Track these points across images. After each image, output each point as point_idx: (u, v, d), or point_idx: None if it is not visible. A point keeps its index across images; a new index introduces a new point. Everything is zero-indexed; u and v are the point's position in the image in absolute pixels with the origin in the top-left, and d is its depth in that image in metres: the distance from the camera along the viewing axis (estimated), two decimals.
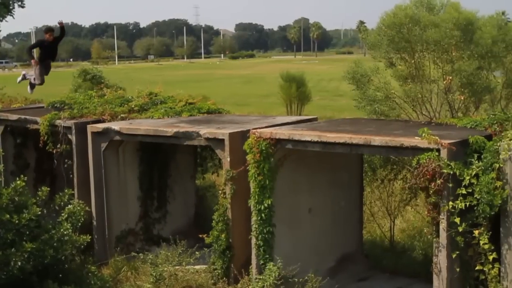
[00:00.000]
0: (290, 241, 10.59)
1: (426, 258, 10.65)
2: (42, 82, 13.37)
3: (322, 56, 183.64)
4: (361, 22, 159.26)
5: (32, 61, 13.41)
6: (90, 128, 12.41)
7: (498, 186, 8.26)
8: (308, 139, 9.79)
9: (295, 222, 10.75)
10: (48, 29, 13.80)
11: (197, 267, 11.10)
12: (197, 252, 11.01)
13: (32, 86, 13.63)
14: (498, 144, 8.45)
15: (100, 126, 12.45)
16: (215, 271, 10.83)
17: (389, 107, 12.44)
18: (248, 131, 10.43)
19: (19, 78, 14.02)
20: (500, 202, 8.24)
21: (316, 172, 11.01)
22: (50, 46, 13.66)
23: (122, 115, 13.57)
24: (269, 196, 10.12)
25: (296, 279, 9.83)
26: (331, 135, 9.69)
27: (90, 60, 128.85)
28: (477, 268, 8.66)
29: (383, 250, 12.53)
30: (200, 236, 11.11)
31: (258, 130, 10.30)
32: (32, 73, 13.59)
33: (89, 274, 8.87)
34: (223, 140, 10.63)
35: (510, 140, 8.35)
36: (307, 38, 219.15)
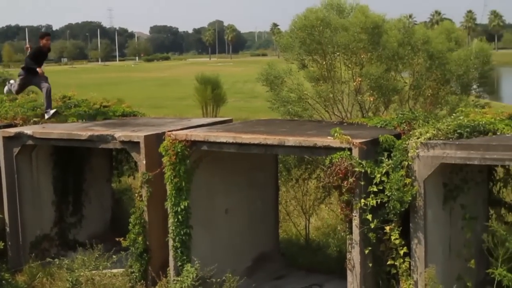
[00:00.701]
0: (207, 242, 10.58)
1: (341, 255, 10.82)
2: (18, 93, 13.34)
3: (237, 58, 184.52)
4: (275, 25, 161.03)
5: (39, 69, 12.79)
6: (1, 133, 12.09)
7: (407, 183, 8.46)
8: (224, 140, 9.81)
9: (212, 223, 10.76)
10: (45, 34, 13.28)
11: (114, 270, 10.97)
12: (114, 256, 10.85)
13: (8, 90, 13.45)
14: (407, 142, 8.66)
15: (12, 130, 12.15)
16: (133, 274, 10.73)
17: (302, 107, 12.59)
18: (163, 133, 10.38)
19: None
20: (409, 198, 8.45)
21: (232, 173, 11.04)
22: (46, 53, 13.24)
23: (34, 119, 13.28)
24: (186, 198, 10.10)
25: (214, 280, 9.84)
26: (246, 136, 9.73)
27: (1, 63, 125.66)
28: (388, 262, 8.84)
29: (299, 248, 12.65)
30: (117, 239, 10.98)
31: (174, 132, 10.26)
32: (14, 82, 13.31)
33: (3, 281, 8.69)
34: (138, 143, 10.55)
35: (418, 138, 8.56)
36: (222, 41, 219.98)
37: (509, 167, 10.10)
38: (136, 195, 10.88)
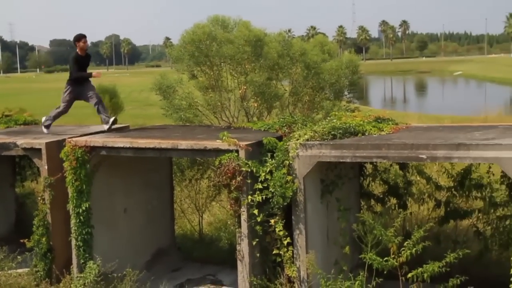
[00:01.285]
0: (108, 240, 10.42)
1: (231, 247, 10.87)
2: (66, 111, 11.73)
3: (133, 70, 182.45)
4: (167, 38, 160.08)
5: (96, 73, 11.78)
6: None
7: (289, 180, 8.60)
8: (121, 145, 9.71)
9: (112, 222, 10.61)
10: (81, 36, 11.30)
11: (19, 270, 10.62)
12: (19, 257, 10.54)
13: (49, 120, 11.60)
14: (288, 143, 8.80)
15: None
16: (38, 273, 10.43)
17: (193, 114, 12.58)
18: (64, 140, 10.16)
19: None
20: (291, 194, 8.59)
21: (130, 175, 10.92)
22: (87, 57, 11.60)
23: None
24: (87, 200, 9.93)
25: (115, 275, 9.70)
26: (142, 141, 9.66)
27: None
28: (274, 252, 8.95)
29: (193, 242, 12.63)
30: (22, 241, 10.64)
31: (74, 138, 10.07)
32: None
33: None
34: (40, 149, 10.28)
35: (297, 140, 8.72)
36: (119, 53, 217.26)
37: (377, 163, 10.43)
38: (39, 198, 10.59)
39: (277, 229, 8.78)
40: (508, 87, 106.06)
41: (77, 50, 11.38)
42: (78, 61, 11.37)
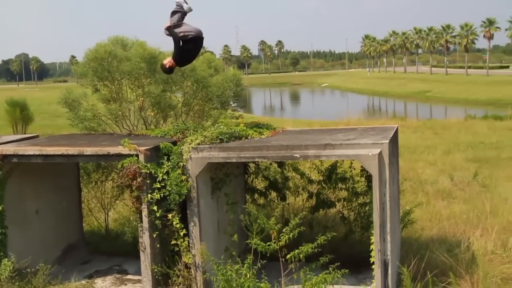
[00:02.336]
0: (21, 239, 9.97)
1: (135, 239, 10.67)
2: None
3: (42, 85, 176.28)
4: (73, 56, 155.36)
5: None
6: None
7: (183, 179, 8.56)
8: (31, 153, 9.33)
9: (25, 223, 10.16)
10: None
11: None
12: None
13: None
14: (181, 147, 8.75)
15: None
16: None
17: (97, 123, 12.31)
18: None
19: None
20: (185, 191, 8.56)
21: (41, 180, 10.51)
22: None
23: None
24: (0, 203, 9.47)
25: (29, 270, 9.31)
26: (51, 148, 9.33)
27: None
28: (172, 242, 8.88)
29: (100, 237, 12.33)
30: None
31: None
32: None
33: None
34: None
35: (189, 144, 8.69)
36: (28, 70, 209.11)
37: (258, 162, 10.56)
38: None
39: (174, 223, 8.73)
40: (365, 96, 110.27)
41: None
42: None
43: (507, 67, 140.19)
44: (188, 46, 8.83)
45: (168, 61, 9.01)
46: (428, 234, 11.20)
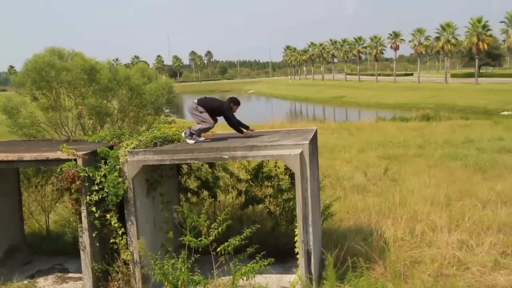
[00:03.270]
0: None
1: (75, 239, 10.35)
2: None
3: None
4: (11, 67, 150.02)
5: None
6: None
7: (120, 181, 8.39)
8: None
9: None
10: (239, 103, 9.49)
11: None
12: None
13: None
14: (118, 151, 8.58)
15: None
16: None
17: (36, 130, 11.88)
18: None
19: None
20: (122, 192, 8.39)
21: None
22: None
23: None
24: None
25: None
26: None
27: None
28: (111, 241, 8.70)
29: (41, 239, 11.89)
30: None
31: None
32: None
33: None
34: None
35: (125, 148, 8.53)
36: None
37: (191, 164, 10.48)
38: None
39: (112, 222, 8.55)
40: (287, 101, 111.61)
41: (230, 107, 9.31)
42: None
43: (411, 74, 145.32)
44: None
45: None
46: (346, 225, 11.43)
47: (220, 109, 9.17)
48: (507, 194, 13.21)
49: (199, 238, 7.71)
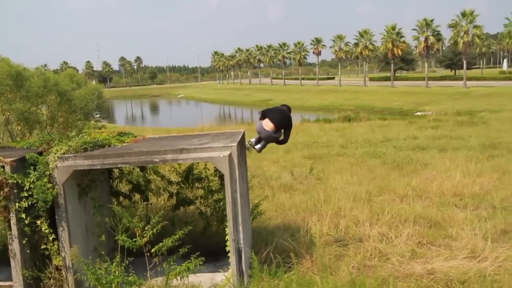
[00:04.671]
0: None
1: (4, 247, 9.89)
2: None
3: None
4: None
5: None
6: None
7: (49, 187, 8.10)
8: None
9: None
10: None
11: None
12: None
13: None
14: (47, 157, 8.29)
15: None
16: None
17: None
18: None
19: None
20: (51, 198, 8.11)
21: None
22: None
23: None
24: None
25: None
26: None
27: None
28: (42, 247, 8.37)
29: None
30: None
31: None
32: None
33: None
34: None
35: (55, 154, 8.26)
36: None
37: (122, 168, 10.28)
38: None
39: (43, 228, 8.23)
40: (216, 105, 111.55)
41: None
42: None
43: (333, 78, 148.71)
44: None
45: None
46: (275, 222, 11.53)
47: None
48: (421, 189, 13.76)
49: (134, 239, 7.59)
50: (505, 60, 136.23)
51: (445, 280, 8.25)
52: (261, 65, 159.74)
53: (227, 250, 8.12)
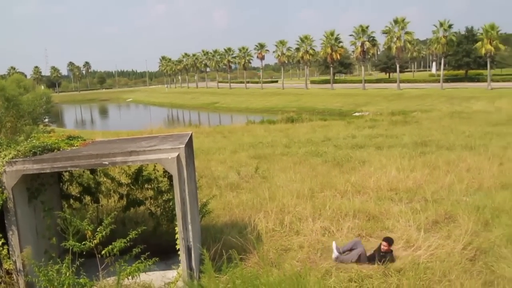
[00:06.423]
0: None
1: None
2: None
3: None
4: None
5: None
6: None
7: None
8: None
9: None
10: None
11: None
12: None
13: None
14: None
15: None
16: None
17: None
18: None
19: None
20: (1, 202, 7.80)
21: None
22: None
23: None
24: None
25: None
26: None
27: None
28: None
29: None
30: None
31: None
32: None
33: None
34: None
35: (3, 159, 7.96)
36: None
37: (72, 171, 10.02)
38: None
39: None
40: (165, 108, 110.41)
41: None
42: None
43: (276, 81, 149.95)
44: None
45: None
46: (223, 220, 11.52)
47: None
48: (360, 184, 14.07)
49: (83, 242, 7.41)
50: (434, 64, 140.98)
51: (383, 269, 8.47)
52: (208, 69, 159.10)
53: (177, 248, 8.06)
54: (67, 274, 7.29)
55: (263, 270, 8.21)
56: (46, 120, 12.78)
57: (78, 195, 10.56)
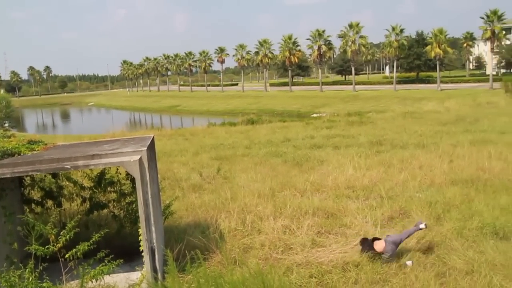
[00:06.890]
0: None
1: None
2: None
3: None
4: None
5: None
6: None
7: None
8: None
9: None
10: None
11: None
12: None
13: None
14: None
15: None
16: None
17: None
18: None
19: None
20: None
21: None
22: None
23: None
24: None
25: None
26: None
27: None
28: None
29: None
30: None
31: None
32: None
33: None
34: None
35: None
36: None
37: (33, 175, 9.77)
38: None
39: None
40: (126, 111, 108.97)
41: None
42: None
43: (236, 84, 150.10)
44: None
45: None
46: (186, 221, 11.44)
47: None
48: (318, 183, 14.21)
49: (47, 246, 7.22)
50: (387, 67, 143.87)
51: (342, 264, 8.58)
52: (169, 73, 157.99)
53: (141, 250, 7.96)
54: (30, 279, 7.08)
55: (226, 269, 8.20)
56: (6, 124, 12.41)
57: (40, 200, 10.29)
